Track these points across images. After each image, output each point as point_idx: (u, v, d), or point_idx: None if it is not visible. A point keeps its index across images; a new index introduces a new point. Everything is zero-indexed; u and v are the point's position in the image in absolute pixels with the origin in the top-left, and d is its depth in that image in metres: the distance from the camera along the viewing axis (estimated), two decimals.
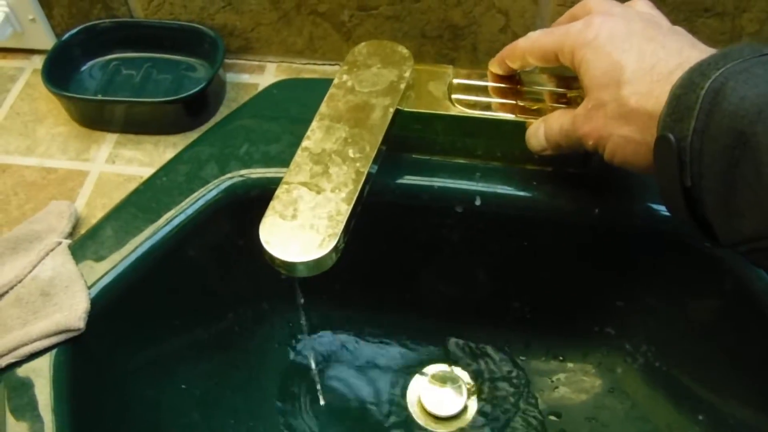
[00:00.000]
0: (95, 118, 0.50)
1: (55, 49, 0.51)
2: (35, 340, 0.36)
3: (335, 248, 0.33)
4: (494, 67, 0.42)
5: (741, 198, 0.27)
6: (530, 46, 0.37)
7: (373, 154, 0.36)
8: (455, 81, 0.42)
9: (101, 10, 0.53)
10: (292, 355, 0.52)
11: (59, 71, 0.51)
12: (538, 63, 0.38)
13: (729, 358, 0.44)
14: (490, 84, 0.42)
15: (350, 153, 0.36)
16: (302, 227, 0.33)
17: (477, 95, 0.41)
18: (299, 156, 0.36)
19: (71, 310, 0.37)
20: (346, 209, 0.34)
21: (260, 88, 0.52)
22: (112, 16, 0.54)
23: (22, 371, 0.37)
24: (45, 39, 0.55)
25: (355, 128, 0.38)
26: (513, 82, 0.42)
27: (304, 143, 0.37)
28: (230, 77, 0.53)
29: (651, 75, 0.31)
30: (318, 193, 0.35)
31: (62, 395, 0.36)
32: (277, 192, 0.35)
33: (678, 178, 0.29)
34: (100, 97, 0.51)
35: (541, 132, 0.38)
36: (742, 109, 0.26)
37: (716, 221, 0.29)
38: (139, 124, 0.50)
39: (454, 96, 0.41)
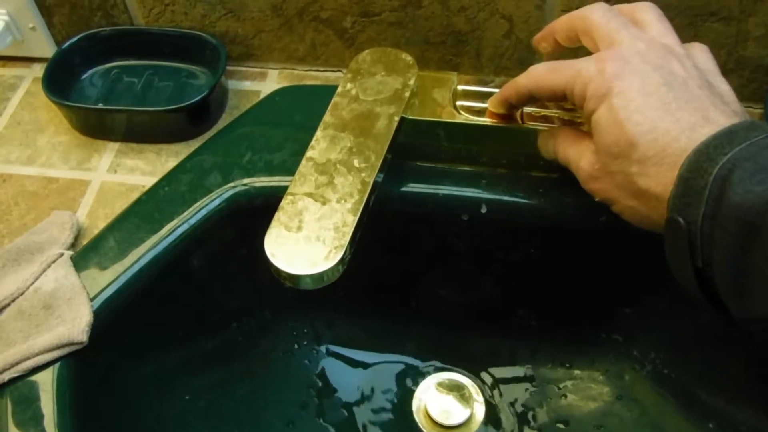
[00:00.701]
0: (96, 127, 0.50)
1: (56, 57, 0.51)
2: (38, 354, 0.36)
3: (342, 260, 0.33)
4: (494, 106, 0.40)
5: (753, 283, 0.27)
6: (535, 84, 0.35)
7: (379, 164, 0.36)
8: (460, 88, 0.41)
9: (102, 18, 0.53)
10: (296, 365, 0.52)
11: (60, 80, 0.51)
12: (544, 100, 0.37)
13: (738, 364, 0.44)
14: (495, 90, 0.41)
15: (355, 163, 0.36)
16: (308, 239, 0.33)
17: (482, 101, 0.41)
18: (304, 166, 0.36)
19: (74, 323, 0.37)
20: (352, 220, 0.34)
21: (262, 96, 0.52)
22: (112, 23, 0.53)
23: (25, 385, 0.36)
24: (45, 47, 0.55)
25: (360, 137, 0.37)
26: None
27: (309, 153, 0.37)
28: (232, 84, 0.53)
29: (661, 157, 0.30)
30: (323, 204, 0.34)
31: (66, 409, 0.36)
32: (282, 203, 0.34)
33: (689, 259, 0.29)
34: (101, 106, 0.51)
35: (551, 146, 0.38)
36: (748, 200, 0.26)
37: (728, 301, 0.29)
38: (140, 132, 0.49)
39: (458, 103, 0.41)
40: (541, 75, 0.35)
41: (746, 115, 0.33)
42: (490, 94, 0.41)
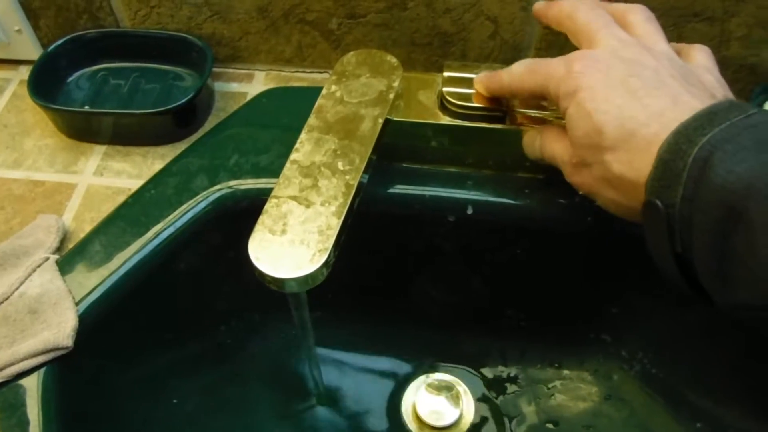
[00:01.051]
0: (83, 129, 0.50)
1: (41, 60, 0.51)
2: (23, 360, 0.36)
3: (326, 263, 0.32)
4: (479, 86, 0.40)
5: (733, 269, 0.27)
6: (517, 86, 0.37)
7: (363, 166, 0.36)
8: (446, 74, 0.41)
9: (88, 20, 0.53)
10: (285, 367, 0.51)
11: (46, 82, 0.50)
12: (527, 99, 0.38)
13: (726, 364, 0.44)
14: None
15: (340, 165, 0.36)
16: (292, 242, 0.33)
17: (468, 88, 0.41)
18: (288, 169, 0.36)
19: (59, 328, 0.36)
20: (336, 223, 0.34)
21: (249, 97, 0.51)
22: (98, 26, 0.53)
23: (10, 391, 0.36)
24: (32, 50, 0.55)
25: (345, 140, 0.37)
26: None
27: (293, 156, 0.37)
28: (219, 86, 0.53)
29: (630, 143, 0.30)
30: (308, 207, 0.34)
31: (51, 414, 0.36)
32: (266, 206, 0.34)
33: (668, 244, 0.29)
34: (87, 108, 0.50)
35: (537, 144, 0.38)
36: (729, 183, 0.26)
37: (709, 287, 0.29)
38: (127, 135, 0.49)
39: (445, 89, 0.40)
40: (520, 77, 0.36)
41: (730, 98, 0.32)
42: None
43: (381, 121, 0.38)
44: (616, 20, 0.35)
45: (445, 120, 0.41)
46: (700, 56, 0.35)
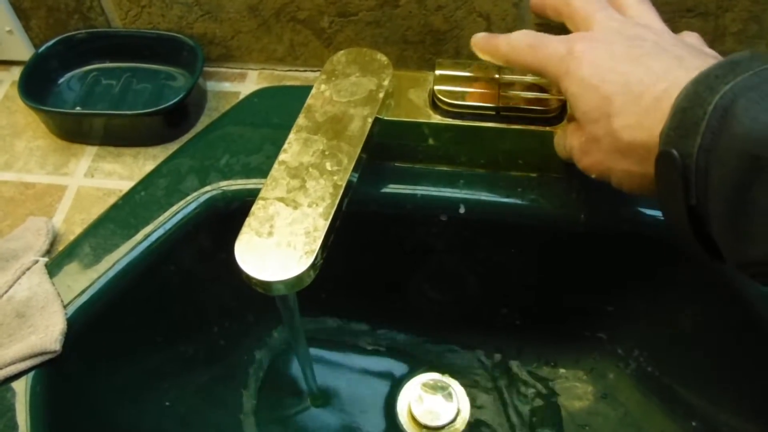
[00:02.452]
0: (74, 131, 0.49)
1: (32, 61, 0.51)
2: (10, 364, 0.36)
3: (313, 265, 0.32)
4: (475, 47, 0.39)
5: (752, 223, 0.25)
6: (513, 58, 0.36)
7: (351, 167, 0.36)
8: (438, 72, 0.41)
9: (79, 21, 0.53)
10: (279, 369, 0.51)
11: (37, 83, 0.50)
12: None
13: (722, 363, 0.43)
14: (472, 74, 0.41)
15: (328, 166, 0.36)
16: (279, 245, 0.33)
17: (459, 85, 0.40)
18: (276, 170, 0.36)
19: (47, 332, 0.36)
20: (323, 224, 0.33)
21: (241, 96, 0.51)
22: (90, 26, 0.53)
23: None
24: (23, 50, 0.54)
25: (333, 140, 0.37)
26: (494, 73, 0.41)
27: (281, 156, 0.36)
28: (211, 86, 0.53)
29: (638, 105, 0.30)
30: (295, 208, 0.34)
31: (40, 419, 0.36)
32: (253, 208, 0.34)
33: (682, 197, 0.28)
34: (78, 110, 0.50)
35: (562, 144, 0.37)
36: (755, 131, 0.24)
37: (722, 242, 0.27)
38: (118, 136, 0.49)
39: (437, 87, 0.40)
40: (519, 51, 0.36)
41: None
42: (466, 77, 0.41)
43: (370, 120, 0.38)
44: (611, 3, 0.36)
45: (437, 119, 0.41)
46: (693, 39, 0.35)
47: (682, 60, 0.30)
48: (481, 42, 0.38)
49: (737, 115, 0.25)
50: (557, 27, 0.37)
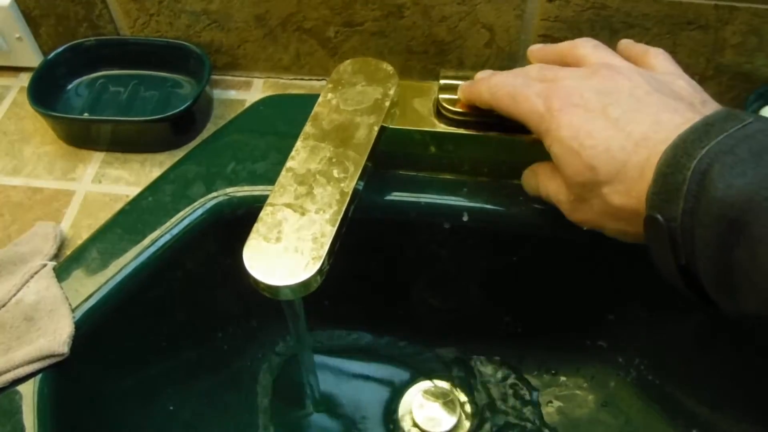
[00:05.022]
0: (82, 137, 0.50)
1: (41, 67, 0.51)
2: (18, 367, 0.36)
3: (320, 271, 0.33)
4: (460, 94, 0.40)
5: (738, 281, 0.27)
6: (495, 106, 0.36)
7: (358, 174, 0.36)
8: (442, 82, 0.41)
9: (87, 29, 0.53)
10: (282, 375, 0.52)
11: (45, 90, 0.51)
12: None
13: (723, 371, 0.44)
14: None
15: (335, 173, 0.36)
16: (286, 250, 0.33)
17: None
18: (283, 177, 0.36)
19: (55, 335, 0.37)
20: (330, 231, 0.34)
21: (247, 105, 0.52)
22: (98, 34, 0.53)
23: (5, 398, 0.36)
24: (32, 57, 0.55)
25: (340, 147, 0.37)
26: None
27: (289, 163, 0.37)
28: (217, 94, 0.53)
29: (625, 173, 0.31)
30: (302, 214, 0.34)
31: (47, 421, 0.36)
32: (261, 214, 0.35)
33: (672, 257, 0.29)
34: (86, 116, 0.51)
35: (533, 183, 0.38)
36: (729, 196, 0.26)
37: (716, 297, 0.29)
38: (125, 142, 0.50)
39: (441, 96, 0.41)
40: (500, 99, 0.36)
41: (713, 104, 0.33)
42: None
43: (376, 128, 0.38)
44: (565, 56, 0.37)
45: (441, 127, 0.41)
46: (662, 62, 0.35)
47: (658, 119, 0.31)
48: (466, 90, 0.39)
49: (714, 179, 0.26)
50: (562, 38, 0.37)
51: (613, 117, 0.31)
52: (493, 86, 0.36)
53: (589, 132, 0.31)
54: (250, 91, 0.54)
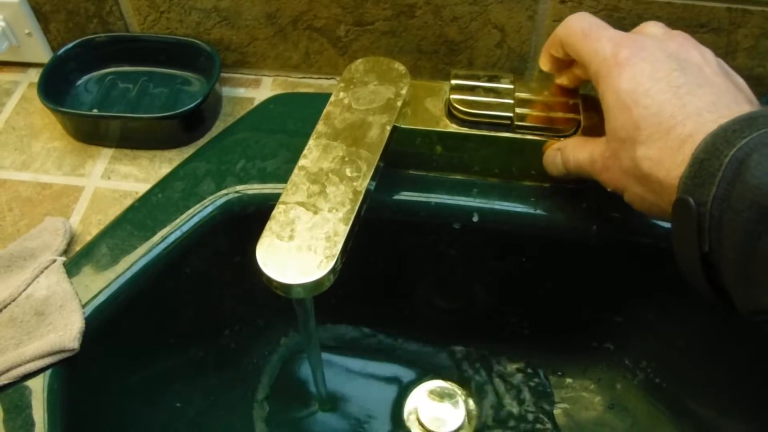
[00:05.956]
0: (91, 133, 0.50)
1: (51, 63, 0.51)
2: (29, 361, 0.36)
3: (333, 270, 0.33)
4: (545, 65, 0.40)
5: (762, 271, 0.26)
6: (565, 37, 0.36)
7: (371, 173, 0.36)
8: (453, 82, 0.41)
9: (97, 25, 0.53)
10: (288, 373, 0.52)
11: (55, 85, 0.51)
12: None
13: (729, 375, 0.44)
14: (487, 85, 0.42)
15: (347, 172, 0.36)
16: (299, 248, 0.33)
17: (474, 95, 0.41)
18: (296, 175, 0.36)
19: (65, 330, 0.37)
20: (343, 229, 0.34)
21: (256, 102, 0.52)
22: (108, 30, 0.53)
23: (16, 392, 0.36)
24: (41, 53, 0.55)
25: (352, 146, 0.37)
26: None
27: (301, 162, 0.37)
28: (226, 91, 0.53)
29: (664, 141, 0.30)
30: (315, 213, 0.34)
31: (56, 416, 0.36)
32: (274, 212, 0.34)
33: (696, 243, 0.29)
34: (95, 112, 0.51)
35: (558, 161, 0.38)
36: (765, 185, 0.26)
37: (733, 290, 0.28)
38: (134, 139, 0.49)
39: (452, 96, 0.41)
40: (572, 34, 0.36)
41: (760, 105, 0.32)
42: (482, 88, 0.41)
43: (389, 128, 0.38)
44: None
45: (452, 128, 0.41)
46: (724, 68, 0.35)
47: (718, 101, 0.31)
48: (544, 46, 0.39)
49: (751, 167, 0.26)
50: None
51: (675, 84, 0.31)
52: (571, 19, 0.36)
53: (647, 91, 0.31)
54: (259, 88, 0.54)
